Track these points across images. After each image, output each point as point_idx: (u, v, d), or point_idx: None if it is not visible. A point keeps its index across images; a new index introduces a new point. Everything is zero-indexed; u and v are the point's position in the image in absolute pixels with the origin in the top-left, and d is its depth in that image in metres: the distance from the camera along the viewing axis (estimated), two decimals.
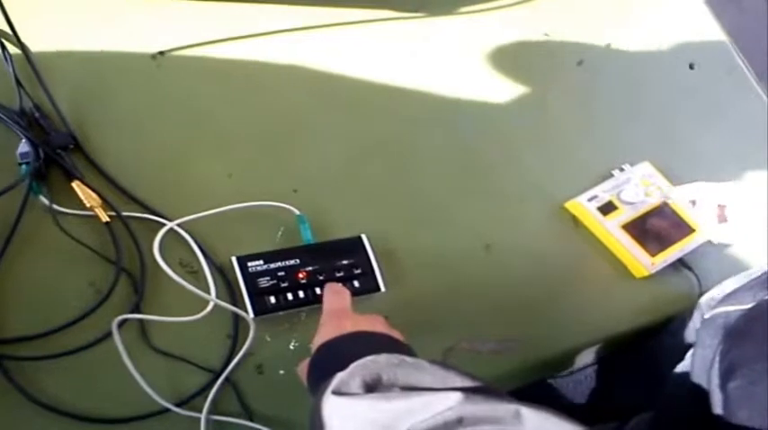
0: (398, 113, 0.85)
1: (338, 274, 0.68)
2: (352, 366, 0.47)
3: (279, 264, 0.67)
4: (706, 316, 0.61)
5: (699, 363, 0.58)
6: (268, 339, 0.65)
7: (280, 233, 0.71)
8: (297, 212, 0.71)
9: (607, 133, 0.92)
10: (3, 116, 0.68)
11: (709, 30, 1.08)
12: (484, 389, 0.42)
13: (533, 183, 0.84)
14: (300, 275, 0.66)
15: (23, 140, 0.66)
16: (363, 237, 0.71)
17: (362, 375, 0.45)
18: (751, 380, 0.50)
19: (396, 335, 0.57)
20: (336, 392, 0.44)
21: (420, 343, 0.57)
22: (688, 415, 0.57)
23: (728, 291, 0.65)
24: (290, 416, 0.62)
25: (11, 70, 0.71)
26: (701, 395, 0.55)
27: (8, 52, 0.72)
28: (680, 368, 0.64)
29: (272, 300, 0.65)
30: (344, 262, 0.69)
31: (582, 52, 0.98)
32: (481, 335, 0.71)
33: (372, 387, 0.43)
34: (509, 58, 0.95)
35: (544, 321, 0.74)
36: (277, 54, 0.85)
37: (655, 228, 0.82)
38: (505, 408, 0.38)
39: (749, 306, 0.57)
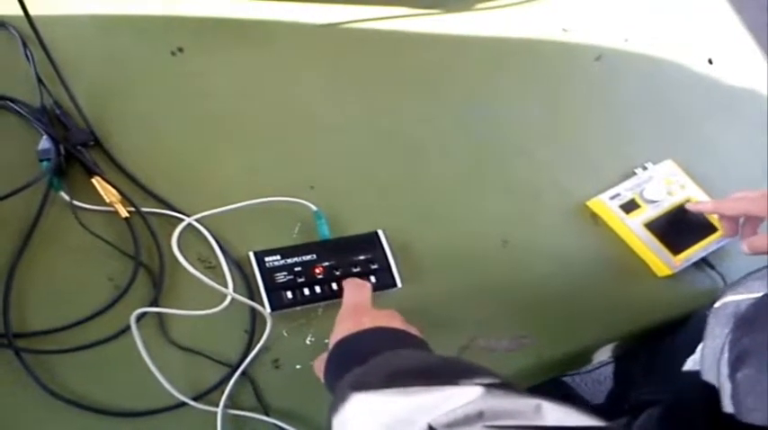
0: (416, 109, 0.85)
1: (355, 270, 0.68)
2: (372, 361, 0.47)
3: (296, 259, 0.67)
4: (716, 305, 0.60)
5: (709, 354, 0.57)
6: (285, 334, 0.65)
7: (297, 229, 0.71)
8: (314, 208, 0.71)
9: (628, 130, 0.91)
10: (24, 113, 0.69)
11: (728, 24, 1.07)
12: (504, 384, 0.41)
13: (552, 180, 0.83)
14: (317, 271, 0.67)
15: (44, 137, 0.67)
16: (380, 232, 0.71)
17: (382, 370, 0.45)
18: (760, 368, 0.49)
19: (413, 331, 0.57)
20: (356, 386, 0.44)
21: (436, 339, 0.57)
22: (698, 406, 0.56)
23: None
24: (307, 411, 0.62)
25: (32, 68, 0.72)
26: (711, 386, 0.54)
27: (29, 50, 0.73)
28: (690, 360, 0.63)
29: (289, 295, 0.65)
30: (361, 257, 0.68)
31: (600, 47, 0.97)
32: (497, 333, 0.70)
33: (392, 381, 0.43)
34: (526, 54, 0.95)
35: (561, 319, 0.74)
36: (294, 51, 0.85)
37: (678, 226, 0.81)
38: (526, 402, 0.38)
39: (759, 294, 0.56)
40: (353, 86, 0.84)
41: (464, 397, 0.39)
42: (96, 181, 0.67)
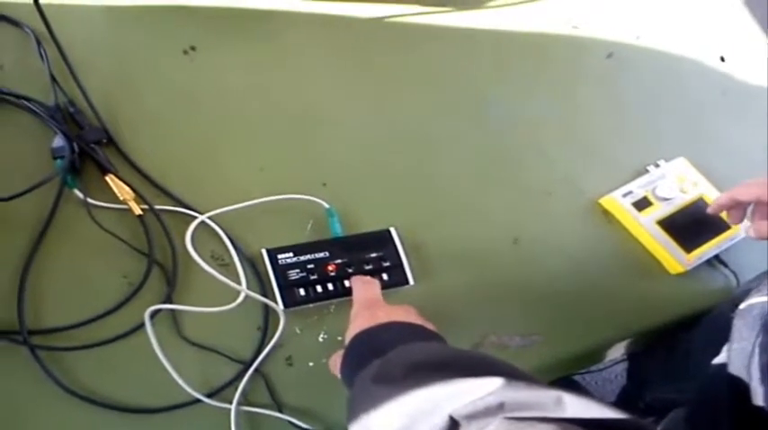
0: (428, 107, 0.85)
1: (367, 267, 0.68)
2: (391, 354, 0.46)
3: (308, 256, 0.67)
4: (741, 306, 0.60)
5: (737, 357, 0.57)
6: (298, 331, 0.65)
7: (309, 226, 0.71)
8: (326, 205, 0.71)
9: (639, 128, 0.91)
10: (38, 111, 0.69)
11: (740, 21, 1.06)
12: (524, 376, 0.41)
13: (563, 178, 0.83)
14: (330, 268, 0.67)
15: (58, 135, 0.67)
16: (392, 230, 0.71)
17: (403, 362, 0.45)
18: None
19: (429, 325, 0.57)
20: (377, 379, 0.44)
21: (448, 336, 0.57)
22: (725, 409, 0.56)
23: None
24: (320, 408, 0.62)
25: (46, 67, 0.73)
26: (740, 389, 0.53)
27: (44, 49, 0.74)
28: (716, 361, 0.63)
29: (302, 292, 0.65)
30: (373, 255, 0.68)
31: (611, 44, 0.97)
32: (509, 330, 0.70)
33: (413, 373, 0.43)
34: (538, 51, 0.94)
35: (573, 316, 0.74)
36: (307, 49, 0.85)
37: (691, 224, 0.80)
38: (547, 394, 0.38)
39: None
40: (366, 83, 0.84)
41: (485, 388, 0.39)
42: (110, 178, 0.67)
